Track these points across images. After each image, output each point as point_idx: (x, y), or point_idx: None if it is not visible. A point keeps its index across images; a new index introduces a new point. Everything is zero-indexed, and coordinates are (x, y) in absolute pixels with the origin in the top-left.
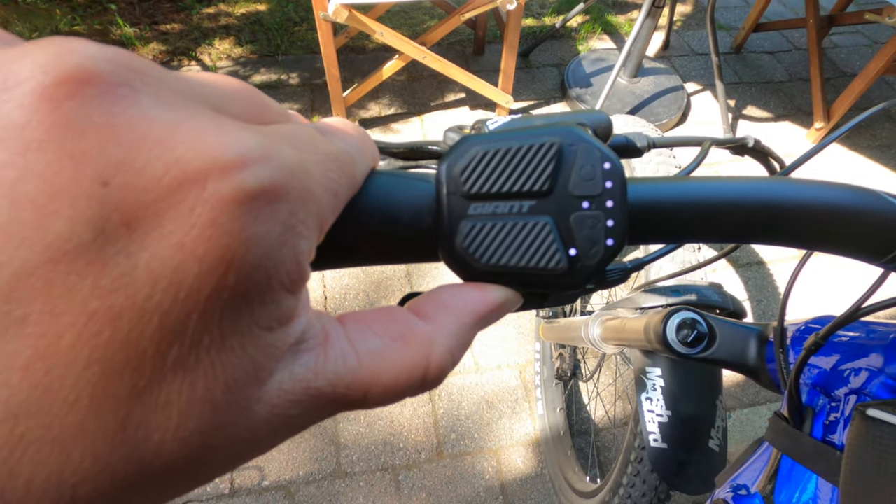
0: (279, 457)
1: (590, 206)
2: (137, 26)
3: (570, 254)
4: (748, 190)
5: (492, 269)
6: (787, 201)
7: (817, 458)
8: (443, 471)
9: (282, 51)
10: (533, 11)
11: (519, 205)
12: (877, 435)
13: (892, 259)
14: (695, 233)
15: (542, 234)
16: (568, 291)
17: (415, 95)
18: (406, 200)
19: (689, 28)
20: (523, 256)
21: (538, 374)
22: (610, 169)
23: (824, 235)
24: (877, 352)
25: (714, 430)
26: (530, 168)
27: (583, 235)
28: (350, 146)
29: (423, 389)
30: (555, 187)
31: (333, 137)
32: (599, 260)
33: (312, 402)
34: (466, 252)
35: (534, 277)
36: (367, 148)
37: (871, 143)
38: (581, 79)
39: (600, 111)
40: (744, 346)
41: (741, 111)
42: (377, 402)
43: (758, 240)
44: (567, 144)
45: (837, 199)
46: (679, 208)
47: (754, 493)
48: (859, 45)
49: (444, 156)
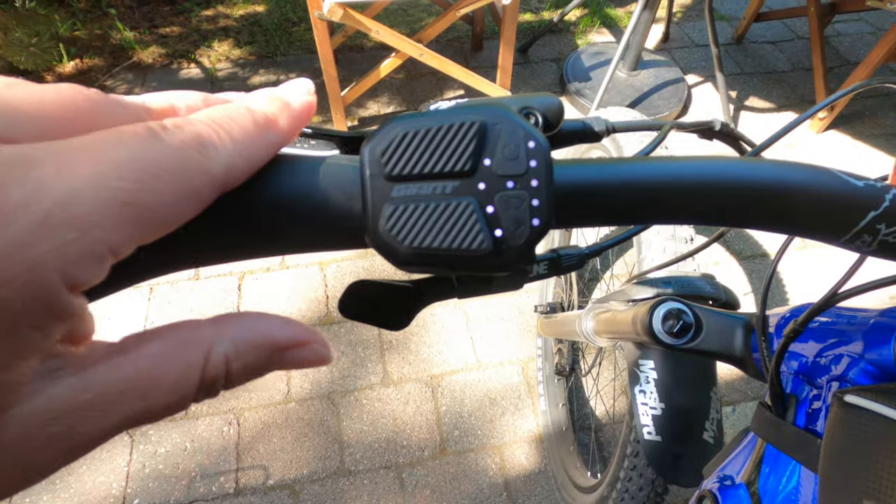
0: (283, 456)
1: (514, 186)
2: (137, 30)
3: (495, 234)
4: (686, 170)
5: (416, 252)
6: (727, 181)
7: (799, 447)
8: (446, 468)
9: (280, 51)
10: (531, 6)
11: (442, 185)
12: (854, 421)
13: (850, 238)
14: (630, 215)
15: (466, 214)
16: (499, 272)
17: (413, 93)
18: (334, 185)
19: (689, 19)
20: (446, 238)
21: (540, 369)
22: (534, 148)
23: (775, 216)
24: (857, 338)
25: (708, 422)
26: (451, 148)
27: (508, 216)
28: (196, 143)
29: (203, 396)
30: (478, 167)
31: (170, 136)
32: (525, 240)
33: (81, 417)
34: (390, 235)
35: (460, 259)
36: (237, 132)
37: (875, 131)
38: (580, 73)
39: (551, 94)
40: (730, 336)
41: (743, 102)
42: (162, 411)
43: (703, 221)
44: (491, 123)
45: (789, 177)
46: (610, 190)
47: (739, 483)
48: (863, 32)
49: (367, 137)
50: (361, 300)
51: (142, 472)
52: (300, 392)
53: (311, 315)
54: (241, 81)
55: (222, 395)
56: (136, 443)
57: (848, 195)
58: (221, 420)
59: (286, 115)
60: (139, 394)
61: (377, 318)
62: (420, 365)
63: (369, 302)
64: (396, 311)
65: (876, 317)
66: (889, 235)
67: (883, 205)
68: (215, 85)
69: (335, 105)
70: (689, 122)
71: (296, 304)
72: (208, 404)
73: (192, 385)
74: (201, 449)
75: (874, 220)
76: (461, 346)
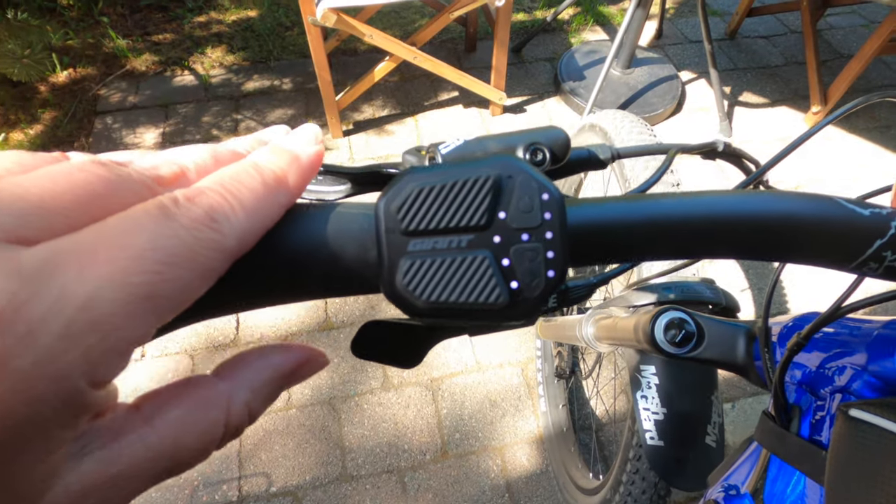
0: (286, 463)
1: (529, 239)
2: (129, 38)
3: (511, 287)
4: (694, 206)
5: (433, 307)
6: (736, 216)
7: (804, 458)
8: (448, 471)
9: (274, 56)
10: (524, 6)
11: (458, 239)
12: (859, 435)
13: (857, 266)
14: (642, 252)
15: (482, 268)
16: (513, 323)
17: (408, 96)
18: (350, 237)
19: (681, 16)
20: (463, 292)
21: (540, 370)
22: (548, 200)
23: (783, 249)
24: (860, 349)
25: (710, 426)
26: (467, 203)
27: (523, 268)
28: (209, 219)
29: (228, 440)
30: (493, 221)
31: (183, 213)
32: (541, 292)
33: (112, 486)
34: (407, 290)
35: (476, 312)
36: (248, 198)
37: (870, 124)
38: (574, 72)
39: (557, 127)
40: (732, 345)
41: (737, 97)
42: (189, 464)
43: (712, 255)
44: (504, 177)
45: (796, 210)
46: (622, 229)
47: (744, 493)
48: (856, 25)
49: (382, 192)
50: (374, 340)
51: None
52: (301, 398)
53: (311, 321)
54: (236, 87)
55: None
56: None
57: (854, 225)
58: None
59: (295, 171)
60: (166, 458)
61: (390, 358)
62: (420, 368)
63: (381, 342)
64: (408, 350)
65: (879, 328)
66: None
67: (889, 233)
68: (209, 91)
69: (330, 110)
70: (693, 145)
71: (295, 310)
72: None
73: (216, 439)
74: None
75: (880, 248)
76: (460, 348)
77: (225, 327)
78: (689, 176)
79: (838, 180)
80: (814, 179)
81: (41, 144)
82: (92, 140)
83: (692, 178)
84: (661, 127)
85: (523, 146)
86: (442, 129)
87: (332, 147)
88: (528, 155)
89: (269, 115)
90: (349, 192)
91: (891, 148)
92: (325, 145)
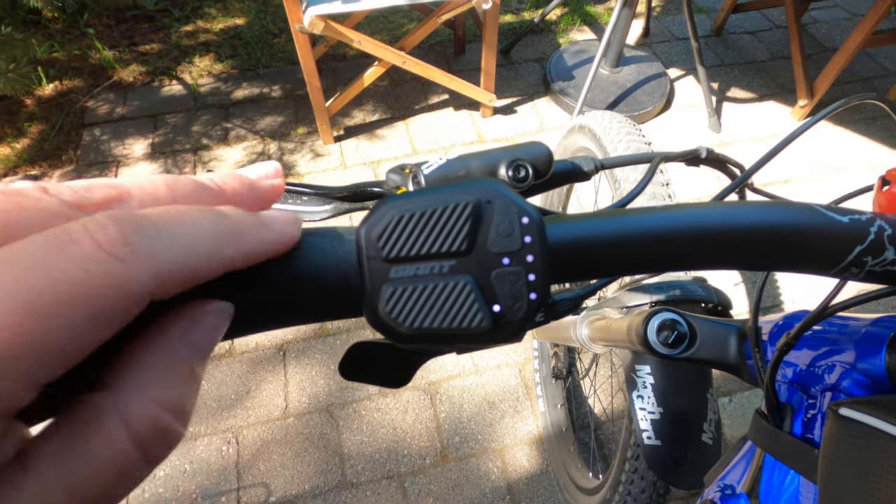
0: (284, 472)
1: (510, 263)
2: (116, 49)
3: (493, 311)
4: (674, 220)
5: (416, 333)
6: (717, 228)
7: (797, 457)
8: (448, 474)
9: (262, 63)
10: (511, 7)
11: (439, 265)
12: (850, 434)
13: (838, 272)
14: (624, 267)
15: (464, 294)
16: (497, 345)
17: (398, 100)
18: (331, 265)
19: (668, 13)
20: (446, 318)
21: (537, 371)
22: (528, 223)
23: (764, 258)
24: (849, 347)
25: (707, 424)
26: (447, 229)
27: (505, 292)
28: (119, 246)
29: (156, 462)
30: (474, 246)
31: (91, 238)
32: (524, 315)
33: None
34: (389, 317)
35: (459, 337)
36: (192, 227)
37: (856, 115)
38: (563, 72)
39: (539, 143)
40: (724, 344)
41: (725, 93)
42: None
43: (694, 267)
44: (484, 202)
45: (775, 220)
46: (602, 246)
47: (740, 493)
48: (839, 18)
49: (363, 219)
50: (362, 361)
51: (142, 497)
52: (298, 406)
53: (306, 329)
54: (225, 96)
55: (220, 414)
56: None
57: (834, 232)
58: (220, 439)
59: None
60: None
61: (377, 378)
62: (417, 372)
63: (370, 363)
64: (396, 370)
65: (867, 326)
66: (876, 265)
67: (868, 238)
68: (198, 101)
69: (320, 116)
70: (676, 153)
71: None
72: (206, 424)
73: (128, 468)
74: (201, 470)
75: (861, 253)
76: None
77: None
78: (686, 178)
79: (824, 172)
80: (800, 172)
81: (28, 158)
82: (80, 153)
83: (689, 180)
84: (651, 124)
85: (506, 163)
86: (432, 132)
87: (324, 153)
88: (510, 171)
89: (259, 122)
90: (334, 211)
91: (877, 139)
92: (317, 151)
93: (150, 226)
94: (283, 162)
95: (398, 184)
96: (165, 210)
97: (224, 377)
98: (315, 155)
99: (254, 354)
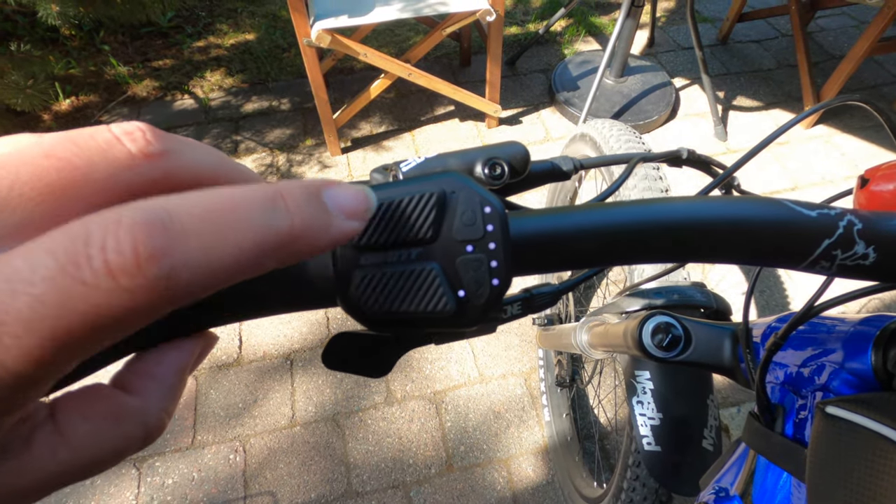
0: (291, 481)
1: (473, 250)
2: (130, 64)
3: (458, 295)
4: (637, 214)
5: (385, 317)
6: (682, 221)
7: (788, 457)
8: (454, 484)
9: (272, 77)
10: (517, 19)
11: (407, 253)
12: (836, 432)
13: (808, 265)
14: (589, 259)
15: (430, 279)
16: (465, 329)
17: (405, 111)
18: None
19: (673, 23)
20: (412, 301)
21: (543, 380)
22: (490, 212)
23: (731, 250)
24: (838, 347)
25: (707, 430)
26: (413, 218)
27: (469, 277)
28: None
29: (145, 446)
30: (439, 234)
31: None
32: (487, 299)
33: (14, 498)
34: (359, 301)
35: (427, 320)
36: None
37: (864, 123)
38: (568, 82)
39: (516, 142)
40: (718, 347)
41: (731, 102)
42: (97, 474)
43: (659, 260)
44: (448, 192)
45: (740, 214)
46: (564, 238)
47: (733, 495)
48: (846, 26)
49: None
50: (343, 351)
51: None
52: (305, 415)
53: (313, 337)
54: (235, 109)
55: (227, 422)
56: (143, 475)
57: (801, 226)
58: (227, 448)
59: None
60: (76, 472)
61: (359, 368)
62: (423, 382)
63: (351, 352)
64: (377, 360)
65: (854, 325)
66: (846, 259)
67: (837, 232)
68: (209, 114)
69: (328, 128)
70: (656, 154)
71: (297, 326)
72: (213, 433)
73: (133, 450)
74: (209, 478)
75: (829, 247)
76: (463, 360)
77: (227, 346)
78: (685, 179)
79: (833, 180)
80: (807, 180)
81: None
82: None
83: (688, 182)
84: (657, 133)
85: (482, 161)
86: (438, 143)
87: (331, 165)
88: (486, 169)
89: (268, 135)
90: None
91: (885, 147)
92: (325, 163)
93: (181, 237)
94: (291, 173)
95: (380, 182)
96: (208, 208)
97: (232, 386)
98: (323, 166)
99: (261, 364)
